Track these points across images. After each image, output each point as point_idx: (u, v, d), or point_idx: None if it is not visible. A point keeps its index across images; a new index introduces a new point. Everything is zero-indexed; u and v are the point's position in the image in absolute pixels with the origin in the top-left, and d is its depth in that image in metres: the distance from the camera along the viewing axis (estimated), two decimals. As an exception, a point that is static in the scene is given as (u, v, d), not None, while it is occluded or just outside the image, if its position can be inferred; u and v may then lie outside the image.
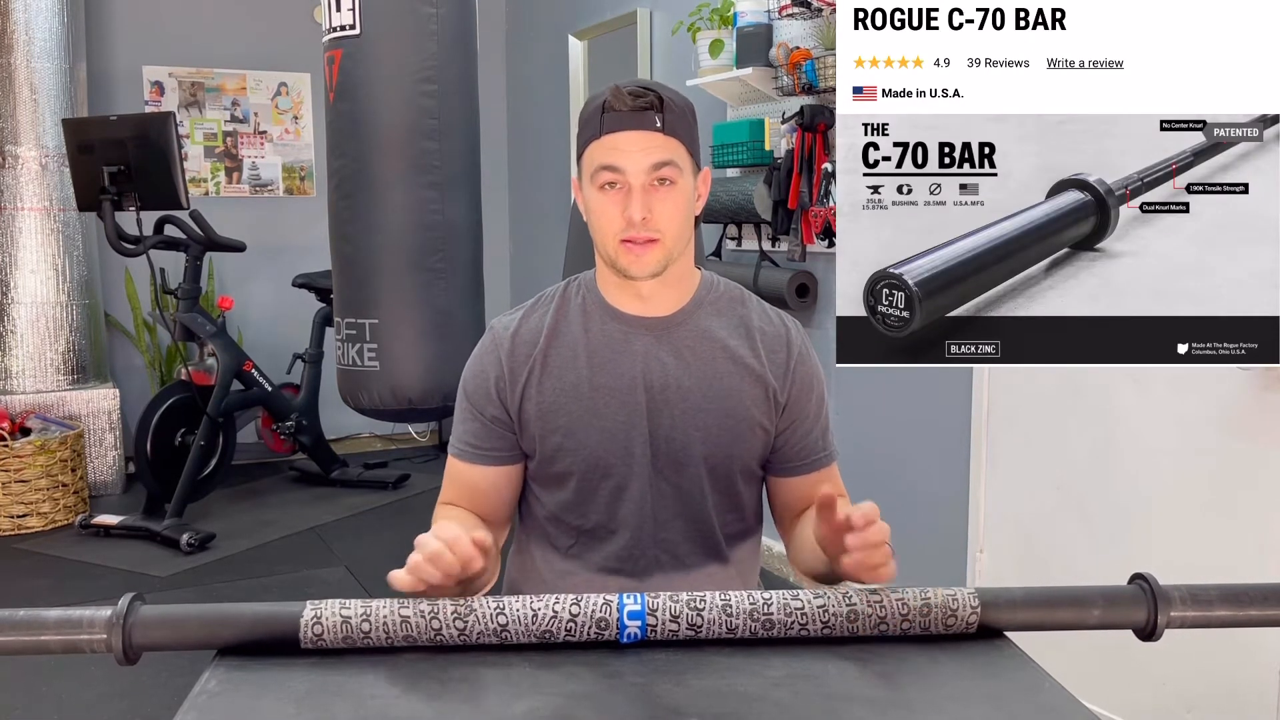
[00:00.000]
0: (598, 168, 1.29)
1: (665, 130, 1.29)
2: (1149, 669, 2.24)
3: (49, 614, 0.97)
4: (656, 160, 1.28)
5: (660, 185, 1.29)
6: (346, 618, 0.99)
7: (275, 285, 5.11)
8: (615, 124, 1.29)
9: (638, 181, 1.28)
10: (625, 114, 1.28)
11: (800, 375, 1.40)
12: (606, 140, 1.29)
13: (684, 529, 1.39)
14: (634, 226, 1.28)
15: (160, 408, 4.17)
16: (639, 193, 1.28)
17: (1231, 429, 2.09)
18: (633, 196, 1.28)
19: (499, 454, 1.40)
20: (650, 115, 1.28)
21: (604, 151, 1.29)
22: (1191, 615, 1.01)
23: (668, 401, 1.36)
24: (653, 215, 1.28)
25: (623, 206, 1.29)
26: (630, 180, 1.28)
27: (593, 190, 1.31)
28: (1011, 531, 2.64)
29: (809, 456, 1.42)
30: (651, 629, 1.00)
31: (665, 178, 1.29)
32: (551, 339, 1.38)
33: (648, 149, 1.28)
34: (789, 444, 1.41)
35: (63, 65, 4.37)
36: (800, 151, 3.15)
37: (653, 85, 1.31)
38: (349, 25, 2.77)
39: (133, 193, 3.80)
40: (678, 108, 1.31)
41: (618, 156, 1.28)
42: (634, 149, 1.28)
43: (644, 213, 1.28)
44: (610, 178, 1.29)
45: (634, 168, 1.28)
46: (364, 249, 2.87)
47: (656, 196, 1.29)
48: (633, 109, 1.28)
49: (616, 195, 1.29)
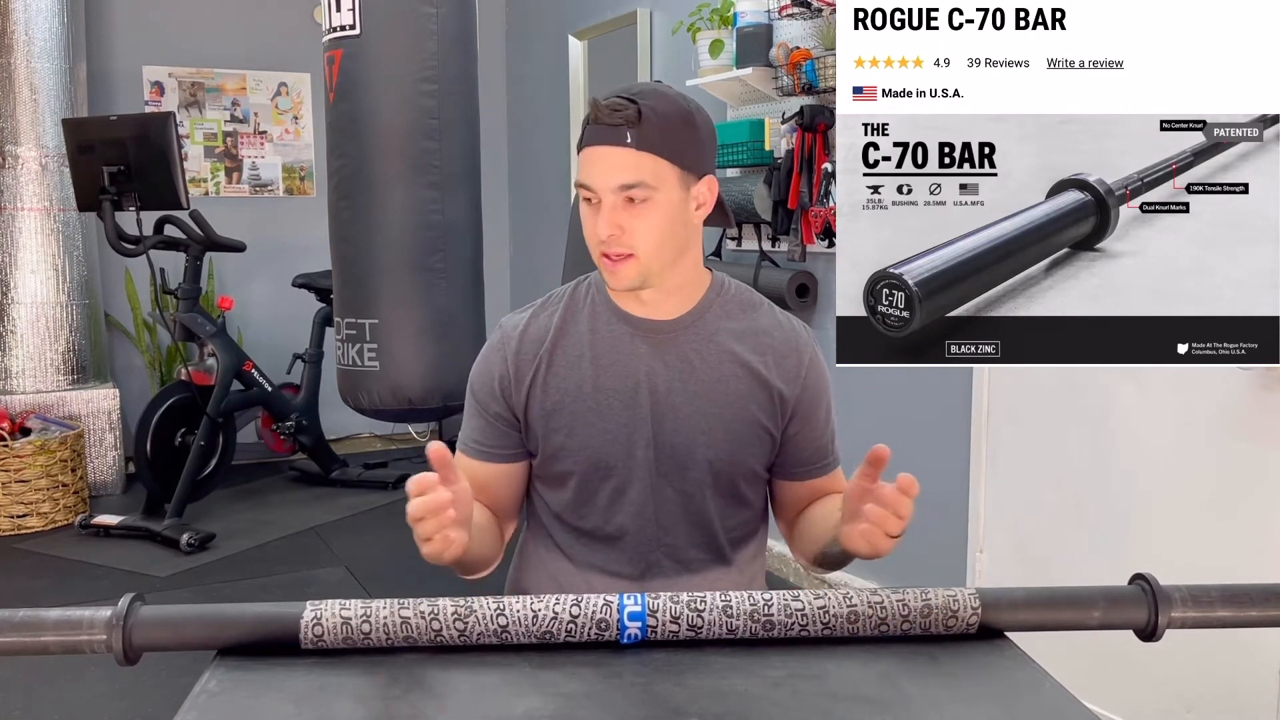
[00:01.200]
0: (578, 180, 1.30)
1: (638, 145, 1.25)
2: (1149, 669, 2.24)
3: (49, 614, 0.97)
4: (623, 181, 1.26)
5: (632, 203, 1.27)
6: (346, 618, 0.99)
7: (275, 285, 5.11)
8: (592, 137, 1.28)
9: (607, 200, 1.27)
10: (601, 128, 1.26)
11: (811, 382, 1.39)
12: (585, 153, 1.29)
13: (687, 532, 1.39)
14: (604, 242, 1.28)
15: (160, 408, 4.17)
16: (607, 210, 1.27)
17: (1231, 429, 2.09)
18: (601, 213, 1.28)
19: (504, 452, 1.40)
20: (621, 131, 1.25)
21: (583, 166, 1.29)
22: (1192, 616, 1.00)
23: (672, 405, 1.35)
24: (624, 232, 1.27)
25: (595, 222, 1.29)
26: (601, 197, 1.27)
27: (580, 200, 1.32)
28: (1011, 531, 2.64)
29: (816, 462, 1.42)
30: (652, 630, 1.00)
31: (635, 197, 1.26)
32: (558, 339, 1.38)
33: (616, 167, 1.26)
34: (797, 449, 1.40)
35: (63, 65, 4.37)
36: (800, 151, 3.15)
37: (638, 95, 1.27)
38: (349, 25, 2.77)
39: (133, 193, 3.80)
40: (660, 119, 1.26)
41: (588, 173, 1.28)
42: (603, 166, 1.27)
43: (611, 230, 1.27)
44: (585, 193, 1.29)
45: (602, 185, 1.27)
46: (364, 249, 2.87)
47: (628, 214, 1.27)
48: (608, 124, 1.26)
49: (593, 210, 1.29)
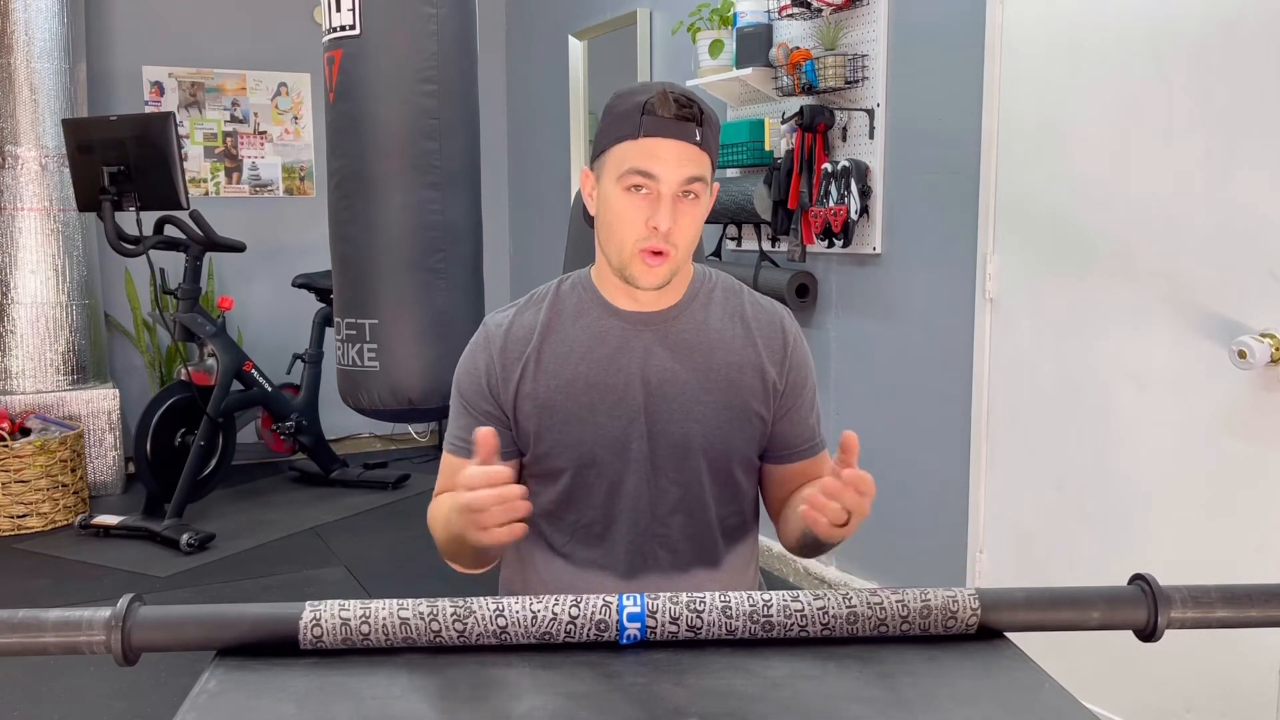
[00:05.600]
0: (630, 169, 1.28)
1: (702, 144, 1.29)
2: (1149, 669, 2.24)
3: (48, 615, 0.97)
4: (690, 174, 1.28)
5: (685, 198, 1.29)
6: (346, 619, 0.99)
7: (275, 285, 5.11)
8: (656, 129, 1.27)
9: (669, 191, 1.27)
10: (669, 121, 1.27)
11: (795, 362, 1.42)
12: (645, 144, 1.27)
13: (683, 524, 1.39)
14: (656, 236, 1.28)
15: (160, 408, 4.17)
16: (668, 202, 1.28)
17: (1231, 429, 2.09)
18: (662, 205, 1.27)
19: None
20: (691, 128, 1.28)
21: (640, 155, 1.28)
22: (1192, 616, 1.00)
23: (665, 396, 1.36)
24: (675, 227, 1.28)
25: (648, 214, 1.28)
26: (663, 189, 1.27)
27: (617, 190, 1.30)
28: (1011, 531, 2.64)
29: (804, 444, 1.43)
30: (651, 630, 1.00)
31: (693, 191, 1.29)
32: (545, 336, 1.38)
33: (684, 160, 1.27)
34: (786, 431, 1.42)
35: (63, 65, 4.37)
36: (800, 152, 3.15)
37: (694, 95, 1.31)
38: (349, 25, 2.77)
39: (133, 193, 3.80)
40: (712, 122, 1.31)
41: (655, 164, 1.27)
42: (672, 159, 1.27)
43: (670, 223, 1.27)
44: (641, 182, 1.28)
45: (669, 177, 1.27)
46: (364, 249, 2.87)
47: (681, 209, 1.29)
48: (677, 117, 1.27)
49: (643, 201, 1.28)
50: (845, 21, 3.09)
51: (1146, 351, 2.24)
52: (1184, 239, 2.15)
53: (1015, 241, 2.58)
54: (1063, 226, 2.43)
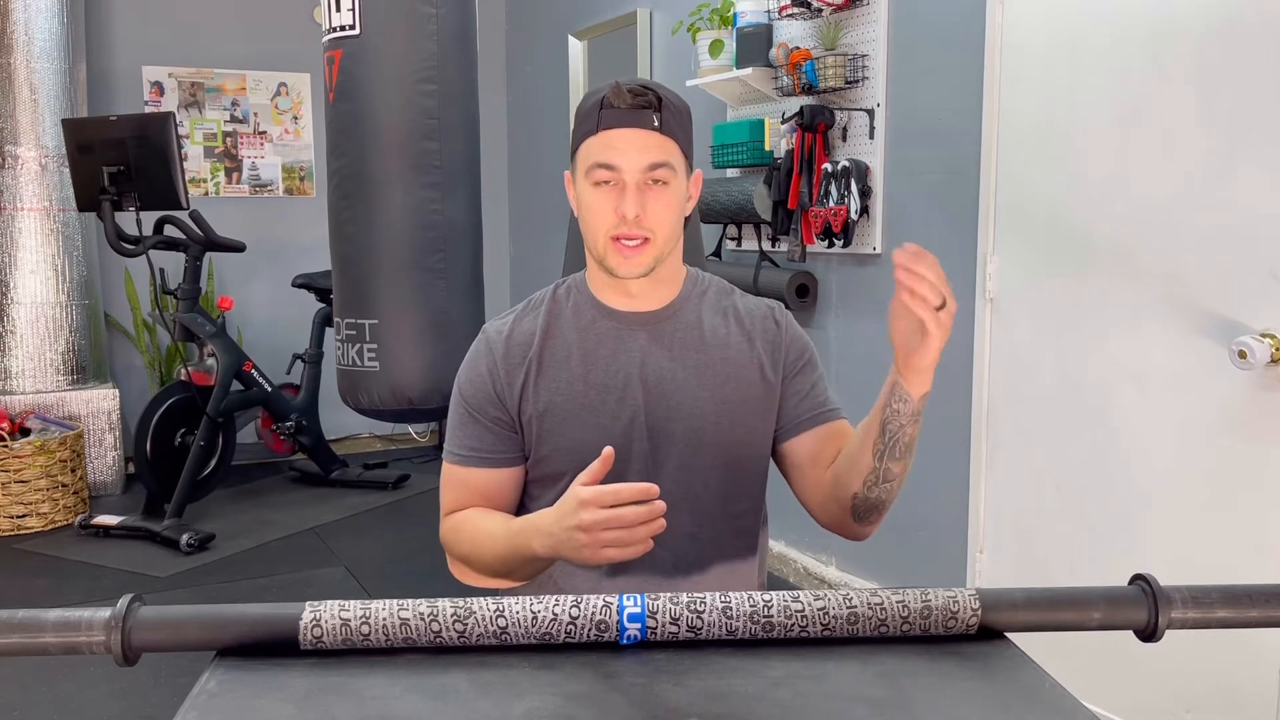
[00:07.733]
0: (593, 164, 1.30)
1: (662, 130, 1.30)
2: (1149, 669, 2.23)
3: (48, 615, 0.97)
4: (652, 160, 1.29)
5: (654, 185, 1.30)
6: (345, 620, 0.99)
7: (275, 285, 5.11)
8: (613, 121, 1.29)
9: (632, 180, 1.29)
10: (624, 111, 1.29)
11: (789, 343, 1.43)
12: (603, 137, 1.30)
13: (688, 523, 1.39)
14: (626, 223, 1.29)
15: (160, 408, 4.17)
16: (633, 190, 1.29)
17: (1231, 429, 2.08)
18: (626, 194, 1.29)
19: (504, 456, 1.40)
20: (648, 114, 1.29)
21: (600, 148, 1.30)
22: (1192, 616, 1.00)
23: (665, 394, 1.36)
24: (645, 214, 1.29)
25: (615, 203, 1.30)
26: (625, 178, 1.29)
27: (586, 186, 1.32)
28: (1011, 531, 2.64)
29: (819, 409, 1.41)
30: (651, 631, 1.00)
31: (659, 178, 1.30)
32: (545, 341, 1.39)
33: (644, 148, 1.29)
34: (796, 405, 1.41)
35: (63, 65, 4.37)
36: (800, 152, 3.15)
37: (652, 85, 1.32)
38: (349, 25, 2.77)
39: (132, 193, 3.80)
40: (675, 108, 1.32)
41: (613, 154, 1.29)
42: (630, 147, 1.29)
43: (637, 210, 1.29)
44: (605, 175, 1.30)
45: (629, 166, 1.29)
46: (364, 249, 2.87)
47: (650, 196, 1.30)
48: (631, 106, 1.29)
49: (610, 192, 1.30)
50: (845, 21, 3.09)
51: (1146, 351, 2.24)
52: (1184, 239, 2.15)
53: (1015, 241, 2.58)
54: (1063, 226, 2.43)
